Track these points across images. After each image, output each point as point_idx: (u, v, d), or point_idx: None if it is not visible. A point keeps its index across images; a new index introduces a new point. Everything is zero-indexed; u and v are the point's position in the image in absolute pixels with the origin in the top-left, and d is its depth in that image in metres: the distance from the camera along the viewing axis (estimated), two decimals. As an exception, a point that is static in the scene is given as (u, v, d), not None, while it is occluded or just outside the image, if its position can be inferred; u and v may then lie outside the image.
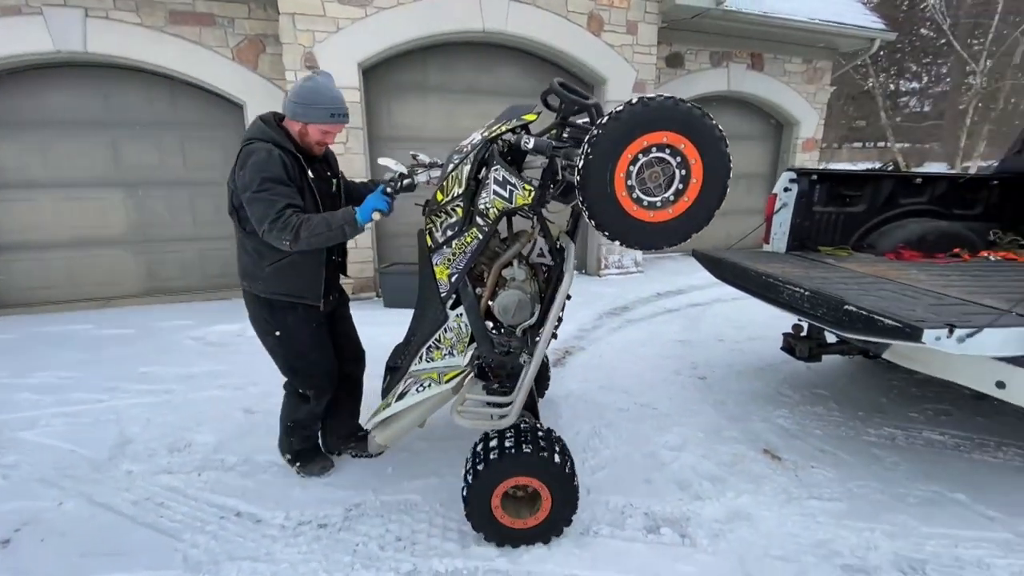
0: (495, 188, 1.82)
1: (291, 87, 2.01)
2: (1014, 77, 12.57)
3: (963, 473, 2.38)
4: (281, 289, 2.04)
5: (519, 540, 1.91)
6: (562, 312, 1.97)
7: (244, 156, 1.89)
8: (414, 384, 1.99)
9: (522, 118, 1.84)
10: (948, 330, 1.70)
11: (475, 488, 1.85)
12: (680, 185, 1.52)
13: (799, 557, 1.87)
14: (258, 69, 5.06)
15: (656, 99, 1.46)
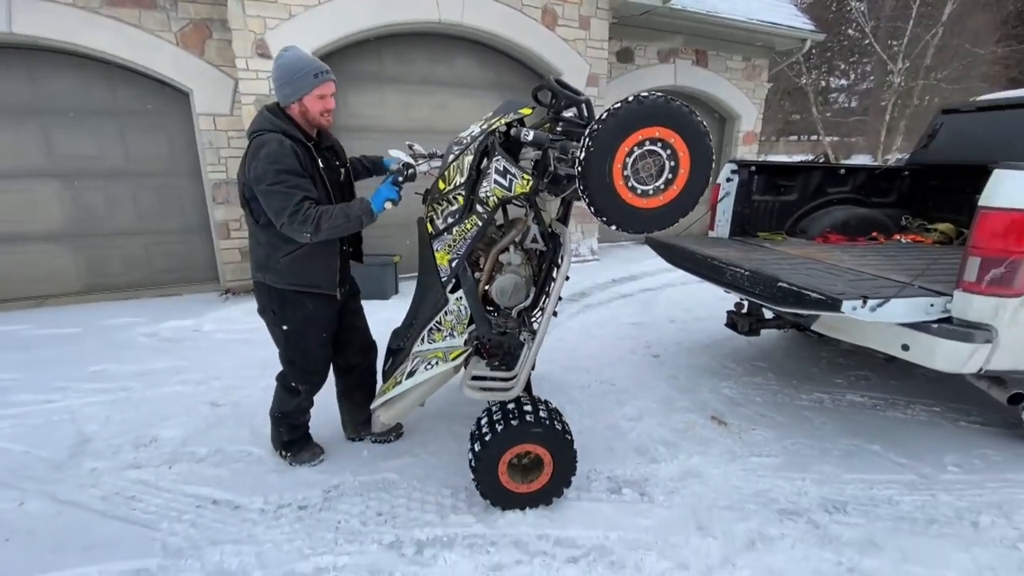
0: (496, 178, 1.93)
1: (272, 76, 1.99)
2: (926, 77, 13.75)
3: (879, 428, 2.72)
4: (297, 280, 2.05)
5: (523, 503, 2.05)
6: (561, 294, 2.10)
7: (255, 148, 1.88)
8: (422, 363, 2.08)
9: (518, 112, 1.95)
10: (862, 301, 1.97)
11: (483, 457, 1.96)
12: (670, 175, 1.68)
13: (742, 506, 2.12)
14: (205, 55, 4.87)
15: (650, 97, 1.60)
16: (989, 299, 1.98)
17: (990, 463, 2.42)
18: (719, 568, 1.80)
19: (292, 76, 1.92)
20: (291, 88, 1.93)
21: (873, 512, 2.09)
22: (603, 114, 1.60)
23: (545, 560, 1.83)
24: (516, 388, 2.08)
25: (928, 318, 2.07)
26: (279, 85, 1.95)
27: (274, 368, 3.38)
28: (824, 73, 20.65)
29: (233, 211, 5.25)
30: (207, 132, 5.02)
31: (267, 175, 1.82)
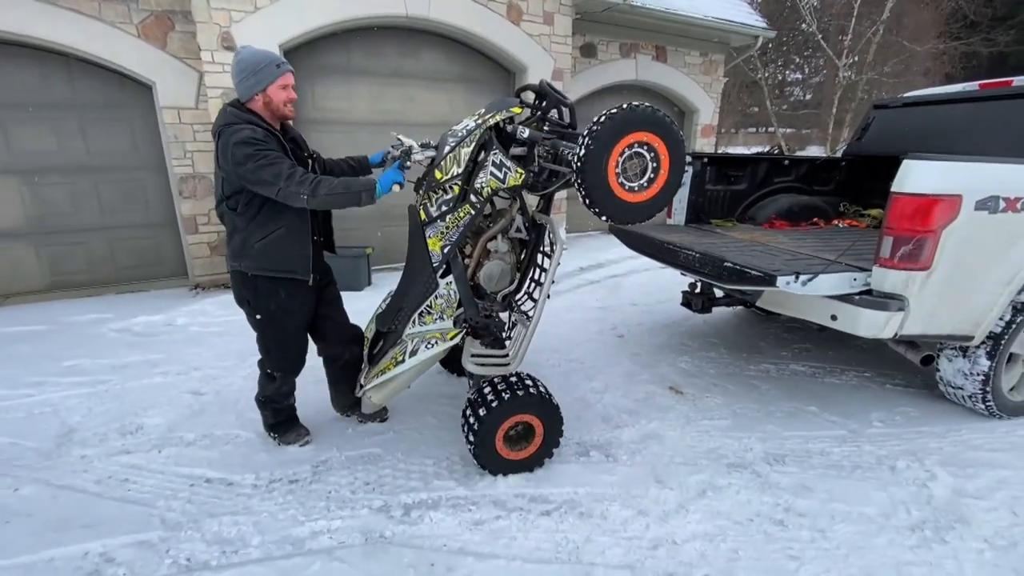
0: (492, 170, 2.08)
1: (232, 71, 2.04)
2: (869, 72, 14.53)
3: (817, 392, 3.04)
4: (271, 265, 2.10)
5: (518, 468, 2.24)
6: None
7: (227, 138, 1.91)
8: (422, 343, 2.20)
9: (510, 110, 2.11)
10: (795, 276, 2.24)
11: (481, 429, 2.12)
12: (652, 175, 1.91)
13: (696, 461, 2.38)
14: (167, 47, 4.82)
15: (640, 106, 1.82)
16: (901, 273, 2.28)
17: (909, 418, 2.76)
18: (674, 513, 2.05)
19: (255, 68, 1.98)
20: (255, 79, 1.98)
21: (807, 462, 2.39)
22: (601, 117, 1.79)
23: (522, 514, 2.04)
24: (514, 364, 2.25)
25: (851, 291, 2.37)
26: (242, 78, 1.99)
27: (252, 358, 3.49)
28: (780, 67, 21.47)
29: (200, 205, 5.23)
30: (171, 126, 4.98)
31: (249, 156, 1.87)
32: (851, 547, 1.89)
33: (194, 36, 4.71)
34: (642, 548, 1.88)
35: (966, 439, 2.58)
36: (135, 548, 1.89)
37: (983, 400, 2.67)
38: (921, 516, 2.05)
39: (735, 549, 1.87)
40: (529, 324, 2.23)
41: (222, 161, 1.98)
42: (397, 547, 1.89)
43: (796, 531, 1.97)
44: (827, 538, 1.93)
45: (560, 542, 1.90)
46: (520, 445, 2.25)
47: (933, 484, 2.23)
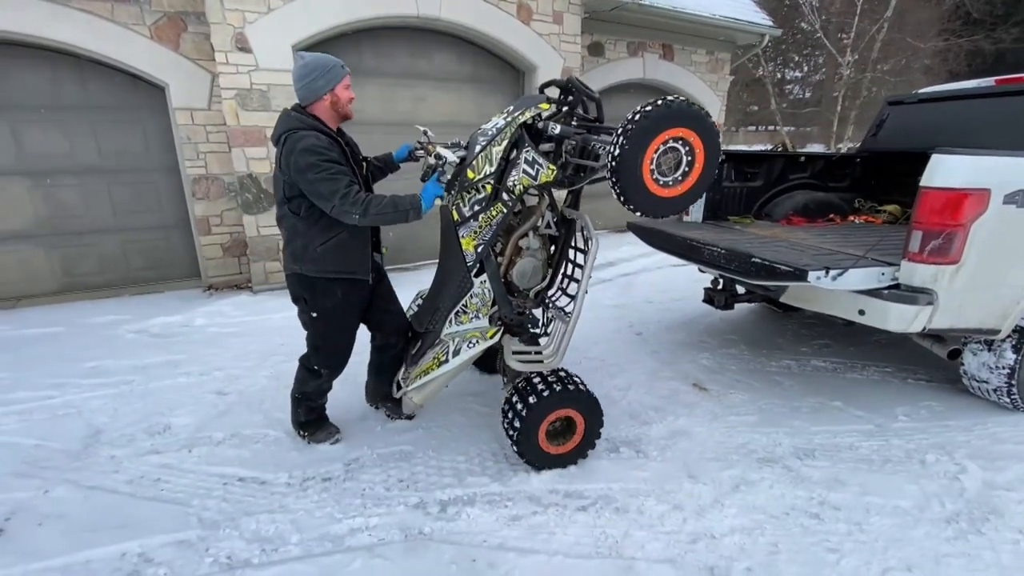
0: (524, 167, 2.09)
1: (299, 74, 2.06)
2: (873, 70, 14.57)
3: (839, 387, 3.05)
4: (332, 267, 2.16)
5: (560, 463, 2.26)
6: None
7: (292, 143, 1.97)
8: (463, 343, 2.22)
9: (538, 107, 2.11)
10: (825, 271, 2.25)
11: (524, 424, 2.14)
12: (686, 168, 1.88)
13: (726, 456, 2.38)
14: (180, 49, 4.82)
15: (675, 101, 1.79)
16: (930, 267, 2.29)
17: (934, 412, 2.77)
18: (710, 508, 2.05)
19: (325, 68, 2.06)
20: (325, 80, 2.06)
21: (837, 456, 2.39)
22: (635, 114, 1.77)
23: (558, 510, 2.04)
24: (556, 359, 2.25)
25: (880, 285, 2.38)
26: (312, 79, 2.05)
27: (273, 358, 3.50)
28: (779, 65, 21.50)
29: (213, 206, 5.23)
30: (184, 127, 4.98)
31: (312, 166, 1.93)
32: (889, 540, 1.89)
33: (207, 37, 4.71)
34: (681, 542, 1.88)
35: (992, 432, 2.59)
36: (174, 547, 1.90)
37: (1008, 394, 2.68)
38: (955, 508, 2.06)
39: (774, 542, 1.88)
40: (569, 320, 2.24)
41: (284, 165, 2.02)
42: (437, 543, 1.89)
43: (833, 524, 1.97)
44: (864, 531, 1.94)
45: (599, 537, 1.91)
46: (560, 440, 2.27)
47: (964, 477, 2.24)
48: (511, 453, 2.42)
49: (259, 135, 4.86)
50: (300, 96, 2.10)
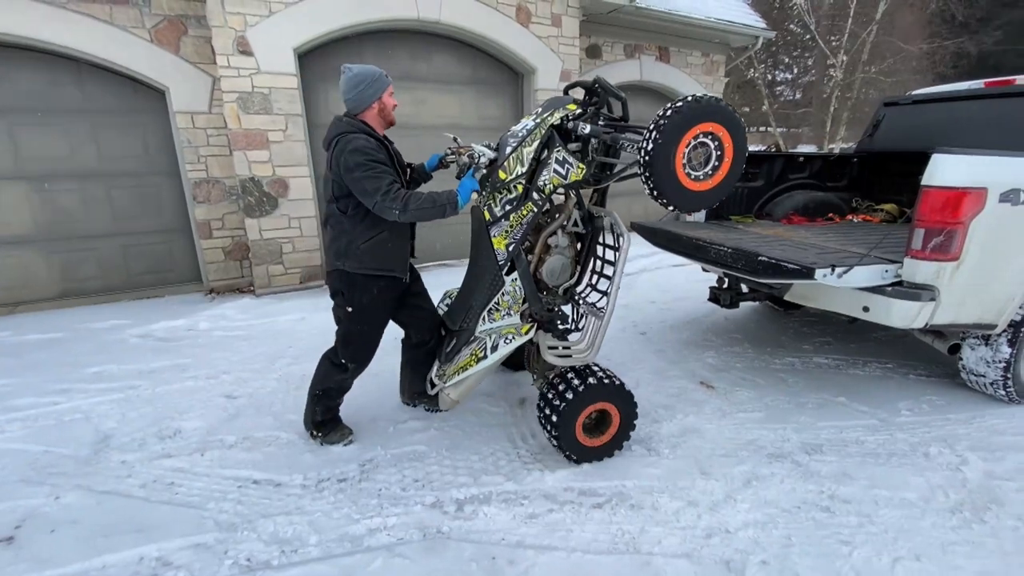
0: (555, 167, 2.15)
1: (348, 84, 2.17)
2: (864, 71, 14.77)
3: (843, 384, 3.10)
4: (373, 264, 2.26)
5: (597, 455, 2.31)
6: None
7: (343, 144, 2.09)
8: (500, 339, 2.26)
9: (566, 108, 2.17)
10: (831, 269, 2.30)
11: (561, 419, 2.19)
12: (716, 163, 1.93)
13: (736, 453, 2.42)
14: (181, 52, 4.82)
15: (705, 97, 1.84)
16: (932, 264, 2.35)
17: (935, 406, 2.83)
18: (723, 503, 2.09)
19: (373, 78, 2.19)
20: (373, 89, 2.19)
21: (844, 450, 2.44)
22: (666, 110, 1.81)
23: (574, 507, 2.07)
24: (592, 354, 2.31)
25: (883, 282, 2.43)
26: (362, 88, 2.17)
27: (280, 361, 3.51)
28: (770, 67, 21.73)
29: (214, 210, 5.23)
30: (185, 130, 4.97)
31: (359, 165, 2.05)
32: (898, 530, 1.94)
33: (208, 41, 4.72)
34: (697, 537, 1.91)
35: (991, 424, 2.64)
36: (192, 551, 1.90)
37: (1004, 387, 2.75)
38: (959, 498, 2.11)
39: (788, 535, 1.92)
40: (603, 315, 2.29)
41: (335, 165, 2.13)
42: (456, 542, 1.91)
43: (844, 517, 2.01)
44: (874, 523, 1.98)
45: (616, 533, 1.94)
46: (595, 433, 2.32)
47: (966, 468, 2.29)
48: (524, 452, 2.45)
49: (261, 138, 4.86)
50: (350, 105, 2.22)
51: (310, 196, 5.19)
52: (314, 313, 4.52)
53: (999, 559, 1.80)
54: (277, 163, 4.96)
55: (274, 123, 4.87)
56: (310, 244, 5.29)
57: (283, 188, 5.04)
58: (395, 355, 2.77)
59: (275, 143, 4.90)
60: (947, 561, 1.80)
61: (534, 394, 3.00)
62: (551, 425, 2.24)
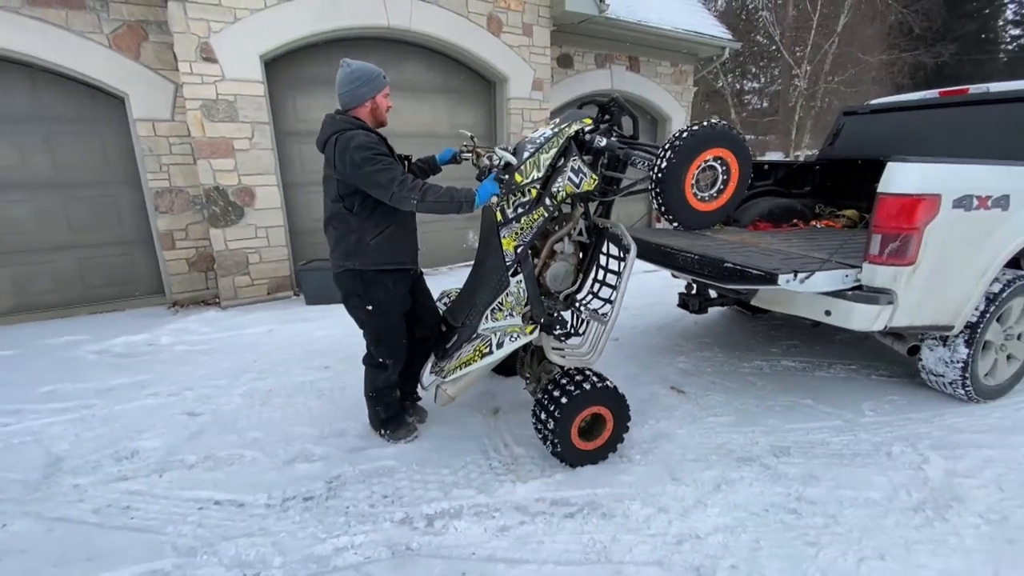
0: (570, 175, 2.22)
1: (345, 79, 2.18)
2: (827, 81, 15.32)
3: (809, 386, 3.17)
4: (384, 258, 2.28)
5: (594, 457, 2.36)
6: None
7: (345, 142, 2.07)
8: (505, 336, 2.29)
9: (583, 120, 2.29)
10: (794, 274, 2.34)
11: (559, 422, 2.22)
12: (721, 186, 2.05)
13: (706, 457, 2.44)
14: (141, 58, 4.68)
15: (718, 124, 1.96)
16: (889, 268, 2.42)
17: (897, 406, 2.91)
18: (694, 509, 2.10)
19: (370, 76, 2.21)
20: (369, 87, 2.20)
21: (811, 452, 2.48)
22: (683, 132, 1.92)
23: (545, 518, 2.05)
24: (595, 356, 2.37)
25: (844, 287, 2.49)
26: (357, 85, 2.19)
27: (246, 375, 3.41)
28: (738, 76, 22.34)
29: (177, 220, 5.07)
30: (146, 138, 4.83)
31: (368, 160, 2.05)
32: (863, 530, 1.97)
33: (170, 47, 4.60)
34: (668, 544, 1.91)
35: (950, 423, 2.73)
36: (147, 577, 1.81)
37: (963, 386, 2.84)
38: (921, 497, 2.16)
39: (756, 539, 1.93)
40: (607, 320, 2.35)
41: (339, 164, 2.11)
42: (426, 558, 1.87)
43: (810, 518, 2.04)
44: (839, 523, 2.02)
45: (587, 543, 1.92)
46: (590, 436, 2.35)
47: (927, 467, 2.35)
48: (497, 463, 2.42)
49: (226, 146, 4.75)
50: (343, 101, 2.23)
51: (278, 205, 5.08)
52: (282, 325, 4.42)
53: (961, 557, 1.85)
54: (243, 172, 4.85)
55: (240, 131, 4.76)
56: (278, 254, 5.17)
57: (249, 197, 4.92)
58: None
59: (241, 151, 4.79)
60: (911, 560, 1.84)
61: (508, 404, 2.98)
62: (547, 430, 2.27)
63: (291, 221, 5.36)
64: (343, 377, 3.35)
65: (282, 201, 5.12)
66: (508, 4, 5.97)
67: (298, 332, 4.25)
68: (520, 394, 3.09)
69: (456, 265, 6.40)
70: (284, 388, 3.23)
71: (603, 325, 2.39)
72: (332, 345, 3.94)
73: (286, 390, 3.21)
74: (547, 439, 2.31)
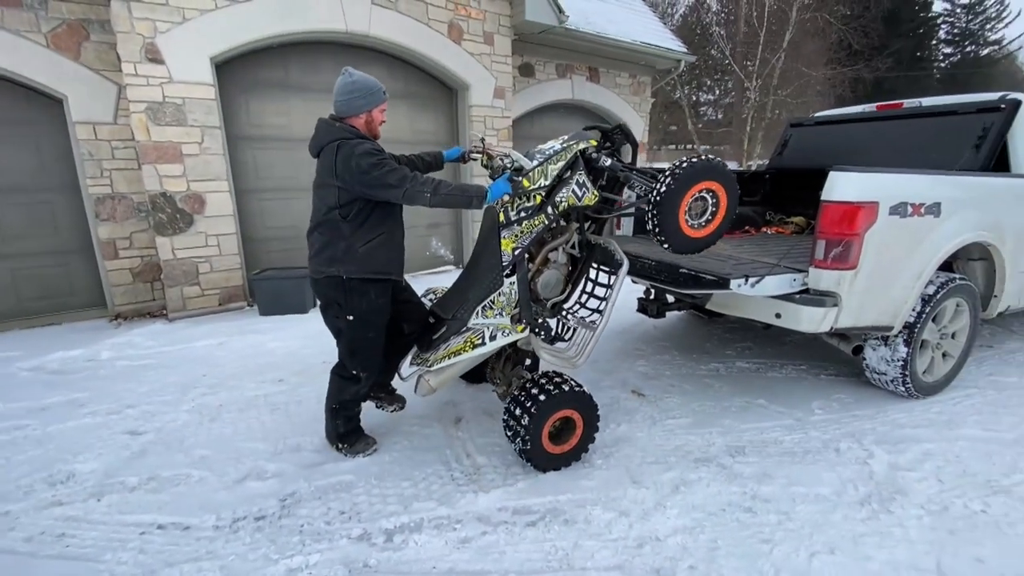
0: (574, 188, 2.34)
1: (343, 88, 2.22)
2: (775, 94, 16.07)
3: (762, 386, 3.27)
4: (371, 267, 2.27)
5: (563, 462, 2.39)
6: None
7: (348, 150, 2.12)
8: (498, 331, 2.34)
9: (589, 141, 2.44)
10: (745, 279, 2.42)
11: (528, 429, 2.25)
12: (710, 215, 2.25)
13: (666, 459, 2.48)
14: (81, 59, 4.44)
15: (713, 159, 2.18)
16: (833, 272, 2.53)
17: (844, 404, 3.04)
18: (654, 511, 2.12)
19: (369, 90, 2.24)
20: (366, 100, 2.23)
21: (764, 451, 2.56)
22: (683, 163, 2.12)
23: (507, 528, 2.03)
24: (582, 359, 2.42)
25: (792, 290, 2.59)
26: (355, 96, 2.22)
27: (194, 391, 3.25)
28: (694, 89, 23.15)
29: (120, 228, 4.82)
30: (86, 142, 4.57)
31: (376, 164, 2.10)
32: (814, 525, 2.04)
33: (113, 47, 4.38)
34: (628, 548, 1.92)
35: (893, 419, 2.87)
36: (81, 610, 1.69)
37: (903, 383, 2.99)
38: (867, 491, 2.26)
39: (714, 539, 1.97)
40: (596, 327, 2.43)
41: (342, 171, 2.13)
42: (384, 575, 1.81)
43: (764, 516, 2.10)
44: (792, 519, 2.08)
45: (549, 551, 1.91)
46: (560, 440, 2.37)
47: (872, 461, 2.46)
48: (458, 474, 2.38)
49: (174, 151, 4.55)
50: (338, 108, 2.25)
51: (230, 212, 4.90)
52: (234, 337, 4.24)
53: (906, 547, 1.93)
54: (192, 177, 4.65)
55: (189, 135, 4.57)
56: (230, 263, 4.97)
57: (199, 204, 4.72)
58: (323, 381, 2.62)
59: (190, 156, 4.60)
60: (859, 552, 1.91)
61: (471, 412, 2.95)
62: (518, 436, 2.30)
63: (244, 229, 5.17)
64: (299, 390, 3.24)
65: (234, 208, 4.94)
66: (469, 12, 5.99)
67: (251, 344, 4.09)
68: (482, 403, 3.06)
69: (420, 273, 6.34)
70: (235, 403, 3.10)
71: (591, 332, 2.47)
72: (287, 357, 3.81)
73: (238, 405, 3.07)
74: (518, 443, 2.32)
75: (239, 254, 5.05)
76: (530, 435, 2.26)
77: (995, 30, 28.06)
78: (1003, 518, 2.08)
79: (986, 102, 3.39)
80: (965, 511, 2.12)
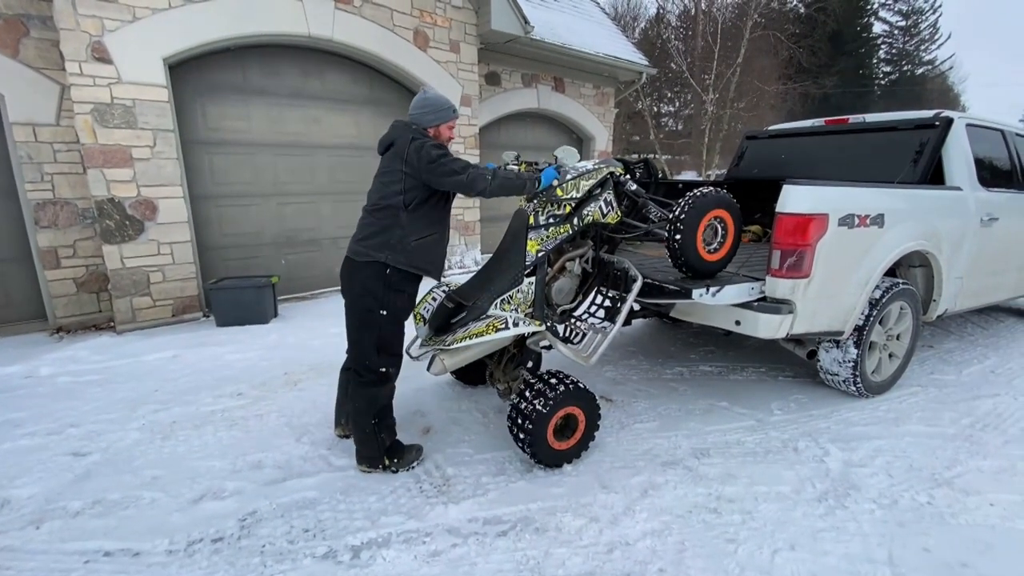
0: (602, 204, 2.62)
1: (417, 103, 2.40)
2: (731, 107, 16.74)
3: (725, 389, 3.37)
4: (418, 261, 2.35)
5: (567, 457, 2.47)
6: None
7: (421, 142, 2.28)
8: (521, 319, 2.42)
9: (617, 167, 2.70)
10: (706, 289, 2.50)
11: (535, 424, 2.31)
12: (720, 241, 2.61)
13: (634, 463, 2.51)
14: (20, 56, 4.18)
15: (722, 191, 2.59)
16: (789, 281, 2.64)
17: (801, 404, 3.17)
18: (623, 516, 2.14)
19: (442, 107, 2.43)
20: (436, 116, 2.41)
21: (728, 452, 2.63)
22: (699, 192, 2.52)
23: (478, 539, 2.00)
24: (594, 358, 2.58)
25: (751, 298, 2.69)
26: (427, 111, 2.40)
27: (144, 407, 3.08)
28: (656, 100, 23.86)
29: (63, 236, 4.54)
30: (25, 144, 4.29)
31: (441, 155, 2.27)
32: (776, 523, 2.11)
33: (55, 44, 4.15)
34: (599, 553, 1.93)
35: (845, 417, 3.01)
36: (17, 649, 1.56)
37: (854, 383, 3.15)
38: (824, 488, 2.35)
39: (681, 541, 2.00)
40: (608, 332, 2.64)
41: (414, 159, 2.26)
42: (351, 594, 1.76)
43: (729, 516, 2.15)
44: (755, 518, 2.14)
45: (521, 560, 1.90)
46: (563, 437, 2.44)
47: (828, 459, 2.57)
48: (428, 486, 2.35)
49: (122, 155, 4.33)
50: (416, 118, 2.41)
51: (184, 219, 4.69)
52: (188, 350, 4.05)
53: (860, 541, 2.01)
54: (143, 182, 4.44)
55: (139, 138, 4.36)
56: (184, 272, 4.76)
57: (151, 210, 4.51)
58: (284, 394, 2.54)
59: (140, 160, 4.39)
60: (817, 548, 1.98)
61: (440, 422, 2.92)
62: (524, 432, 2.34)
63: (199, 236, 4.97)
64: (259, 403, 3.12)
65: (189, 215, 4.74)
66: (435, 20, 5.98)
67: (207, 356, 3.91)
68: (452, 412, 3.03)
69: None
70: (190, 419, 2.96)
71: (603, 335, 2.69)
72: (246, 369, 3.66)
73: (192, 421, 2.93)
74: (523, 441, 2.37)
75: (194, 263, 4.84)
76: (533, 436, 2.32)
77: (928, 51, 30.23)
78: (947, 509, 2.20)
79: (922, 119, 3.62)
80: (913, 503, 2.24)
